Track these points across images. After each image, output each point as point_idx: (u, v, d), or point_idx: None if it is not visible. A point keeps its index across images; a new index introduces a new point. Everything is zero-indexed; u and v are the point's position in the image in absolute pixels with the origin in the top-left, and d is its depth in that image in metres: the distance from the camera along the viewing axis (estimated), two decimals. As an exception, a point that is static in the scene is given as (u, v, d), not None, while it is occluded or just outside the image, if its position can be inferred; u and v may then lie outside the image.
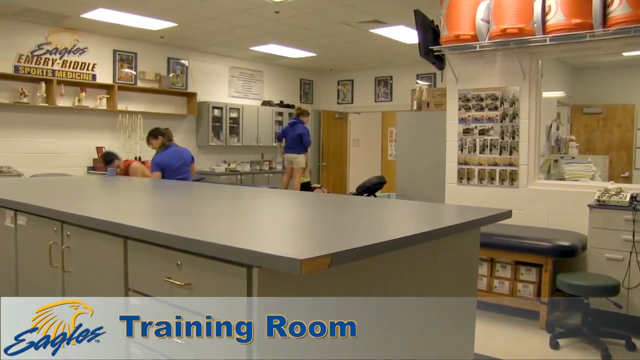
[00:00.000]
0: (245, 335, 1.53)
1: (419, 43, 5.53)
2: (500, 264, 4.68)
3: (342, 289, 1.74)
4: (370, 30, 8.02)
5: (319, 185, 9.71)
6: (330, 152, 11.88)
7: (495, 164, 5.21)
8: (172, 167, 5.97)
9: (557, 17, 4.49)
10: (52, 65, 7.97)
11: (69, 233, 2.33)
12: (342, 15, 7.23)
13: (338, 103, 12.25)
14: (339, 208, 2.68)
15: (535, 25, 4.59)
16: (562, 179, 5.31)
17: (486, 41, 4.94)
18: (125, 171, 6.55)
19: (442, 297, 2.28)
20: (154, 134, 6.16)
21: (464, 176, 5.39)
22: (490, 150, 5.22)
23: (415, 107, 6.82)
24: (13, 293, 2.84)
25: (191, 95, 9.70)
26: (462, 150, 5.39)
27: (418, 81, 10.14)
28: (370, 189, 8.47)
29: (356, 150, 12.67)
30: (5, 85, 7.54)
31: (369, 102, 11.74)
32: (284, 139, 8.79)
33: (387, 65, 11.17)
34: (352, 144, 12.58)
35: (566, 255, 4.41)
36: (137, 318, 1.95)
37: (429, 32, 5.51)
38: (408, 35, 8.07)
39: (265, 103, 11.07)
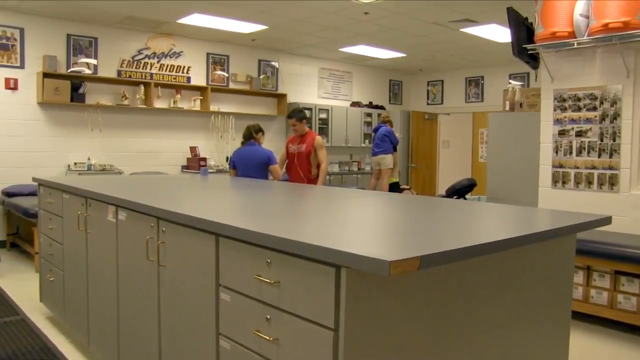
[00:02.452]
0: (332, 334, 1.54)
1: (512, 42, 5.36)
2: (598, 273, 4.43)
3: (429, 292, 1.71)
4: (461, 30, 7.86)
5: (407, 187, 9.62)
6: (419, 153, 11.73)
7: (594, 167, 4.95)
8: (242, 166, 6.12)
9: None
10: (150, 69, 8.36)
11: (164, 229, 2.43)
12: (432, 14, 7.12)
13: (428, 104, 12.08)
14: (428, 210, 2.64)
15: (641, 18, 4.32)
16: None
17: (585, 37, 4.71)
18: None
19: (534, 305, 2.19)
20: (256, 130, 6.28)
21: (558, 179, 5.17)
22: (588, 152, 4.97)
23: (507, 108, 6.60)
24: (114, 283, 3.00)
25: (281, 97, 9.87)
26: (557, 152, 5.16)
27: (510, 81, 9.82)
28: (460, 191, 8.29)
29: (446, 151, 12.44)
30: (109, 88, 8.00)
31: (460, 102, 11.50)
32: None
33: (478, 65, 10.90)
34: (441, 146, 12.37)
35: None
36: (226, 313, 2.01)
37: (523, 30, 5.33)
38: (500, 33, 7.85)
39: (354, 104, 11.09)
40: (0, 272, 5.95)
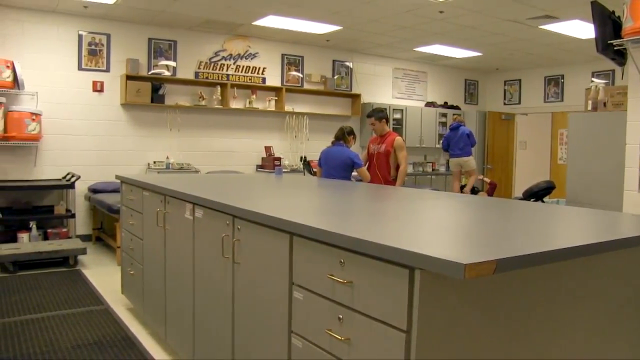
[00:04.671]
0: (404, 336, 1.53)
1: (596, 38, 5.12)
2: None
3: (504, 297, 1.67)
4: (541, 27, 7.60)
5: (481, 177, 9.40)
6: (495, 154, 11.45)
7: (685, 170, 4.66)
8: (325, 164, 6.16)
9: None
10: (227, 70, 8.56)
11: (239, 227, 2.48)
12: (510, 12, 6.93)
13: (504, 104, 11.77)
14: (504, 213, 2.57)
15: None
16: None
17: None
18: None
19: (615, 316, 2.09)
20: (348, 132, 6.28)
21: (646, 183, 4.90)
22: (680, 155, 4.69)
23: (589, 108, 6.33)
24: (190, 278, 3.09)
25: (355, 97, 9.87)
26: (644, 154, 4.90)
27: (593, 79, 9.42)
28: (537, 194, 8.02)
29: (523, 153, 12.07)
30: (187, 89, 8.26)
31: (538, 102, 11.13)
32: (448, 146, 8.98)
33: (559, 63, 10.51)
34: (518, 147, 12.01)
35: None
36: (299, 312, 2.03)
37: (609, 24, 5.08)
38: (583, 29, 7.55)
39: (429, 104, 10.95)
40: (86, 264, 6.25)
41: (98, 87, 7.56)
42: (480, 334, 1.62)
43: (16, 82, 6.81)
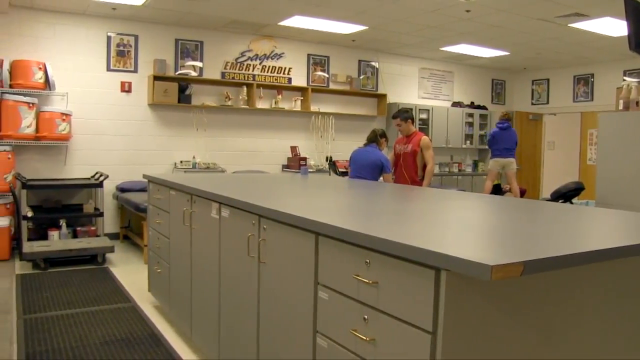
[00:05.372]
0: (430, 337, 1.52)
1: (628, 35, 5.03)
2: None
3: (532, 299, 1.65)
4: (570, 25, 7.49)
5: (507, 189, 9.26)
6: (523, 155, 11.30)
7: None
8: (355, 164, 6.16)
9: None
10: (253, 70, 8.61)
11: (265, 226, 2.49)
12: (538, 10, 6.84)
13: (532, 104, 11.62)
14: (532, 214, 2.54)
15: None
16: None
17: None
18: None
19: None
20: (381, 134, 6.27)
21: (679, 184, 4.80)
22: None
23: (621, 107, 6.21)
24: (216, 277, 3.11)
25: (381, 97, 9.84)
26: (677, 155, 4.80)
27: (625, 78, 9.25)
28: (566, 195, 7.91)
29: (551, 153, 11.91)
30: (214, 90, 8.32)
31: (567, 102, 10.97)
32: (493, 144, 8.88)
33: (588, 62, 10.34)
34: (546, 147, 11.85)
35: None
36: (324, 312, 2.03)
37: (642, 22, 4.99)
38: (614, 27, 7.42)
39: (456, 104, 10.86)
40: (113, 262, 6.34)
41: (126, 88, 7.66)
42: (506, 337, 1.60)
43: (47, 84, 6.95)
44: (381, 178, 6.14)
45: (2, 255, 6.20)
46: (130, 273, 5.80)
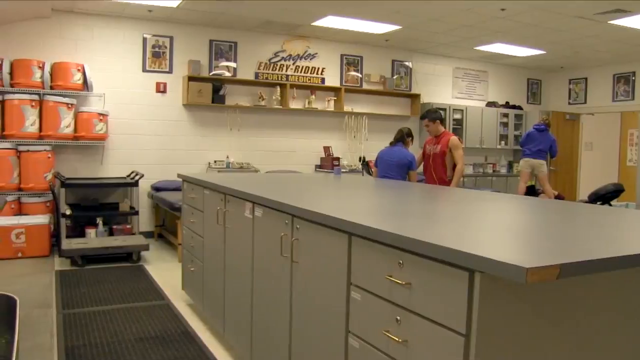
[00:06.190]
0: (463, 340, 1.50)
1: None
2: None
3: (568, 303, 1.62)
4: (610, 22, 7.32)
5: (556, 192, 9.05)
6: (559, 156, 11.07)
7: None
8: (382, 164, 6.16)
9: None
10: (286, 70, 8.64)
11: (298, 226, 2.50)
12: (576, 7, 6.71)
13: (569, 103, 11.40)
14: (568, 216, 2.49)
15: None
16: None
17: None
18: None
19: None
20: (407, 133, 6.26)
21: None
22: None
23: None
24: (249, 276, 3.13)
25: (415, 97, 9.77)
26: None
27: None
28: (604, 197, 7.74)
29: (589, 154, 11.66)
30: (247, 90, 8.38)
31: (606, 101, 10.72)
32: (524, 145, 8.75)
33: (629, 60, 10.09)
34: (584, 148, 11.61)
35: None
36: (356, 312, 2.03)
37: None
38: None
39: (490, 104, 10.73)
40: (148, 260, 6.44)
41: (161, 88, 7.78)
42: (540, 342, 1.57)
43: (85, 85, 7.10)
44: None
45: (42, 251, 6.36)
46: (164, 271, 5.88)
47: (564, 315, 1.61)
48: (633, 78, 10.22)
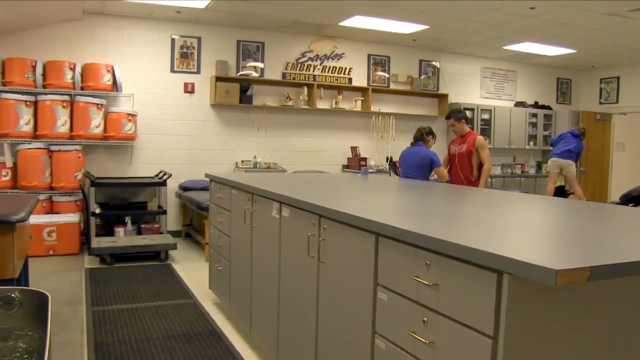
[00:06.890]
0: (491, 342, 1.49)
1: None
2: None
3: (599, 306, 1.59)
4: (643, 20, 7.18)
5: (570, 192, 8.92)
6: (589, 156, 10.90)
7: None
8: (404, 164, 6.15)
9: None
10: (313, 70, 8.65)
11: (325, 226, 2.50)
12: (608, 4, 6.58)
13: (600, 103, 11.20)
14: (599, 217, 2.45)
15: None
16: None
17: None
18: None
19: None
20: (427, 132, 6.23)
21: None
22: None
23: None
24: (276, 275, 3.14)
25: (442, 97, 9.70)
26: None
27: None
28: (637, 198, 7.58)
29: (620, 155, 11.44)
30: (275, 90, 8.41)
31: (638, 101, 10.51)
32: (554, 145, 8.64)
33: (663, 59, 9.89)
34: (615, 148, 11.39)
35: None
36: (383, 313, 2.02)
37: None
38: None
39: (519, 104, 10.59)
40: (176, 259, 6.51)
41: (189, 89, 7.85)
42: (568, 345, 1.55)
43: (115, 85, 7.21)
44: (434, 175, 6.08)
45: (72, 249, 6.47)
46: (191, 270, 5.94)
47: (594, 320, 1.59)
48: (667, 77, 9.99)
